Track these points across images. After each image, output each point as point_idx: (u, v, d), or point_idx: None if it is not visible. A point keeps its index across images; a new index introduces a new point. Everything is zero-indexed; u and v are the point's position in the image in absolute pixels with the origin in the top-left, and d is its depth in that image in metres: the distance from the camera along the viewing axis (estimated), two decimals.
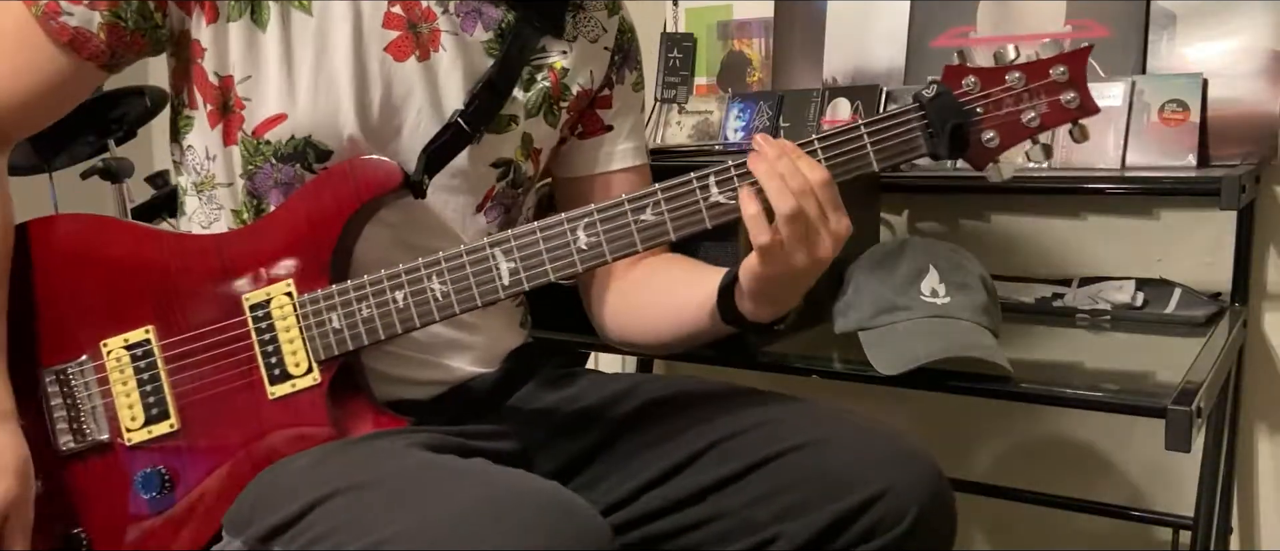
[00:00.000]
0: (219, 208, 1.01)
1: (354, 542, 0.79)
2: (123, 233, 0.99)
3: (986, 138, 0.92)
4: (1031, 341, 1.32)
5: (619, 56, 1.14)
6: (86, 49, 0.95)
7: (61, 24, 0.94)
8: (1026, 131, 0.92)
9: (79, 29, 0.94)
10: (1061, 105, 0.92)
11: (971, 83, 0.92)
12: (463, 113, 1.01)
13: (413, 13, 0.99)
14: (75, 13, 0.94)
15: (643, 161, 1.16)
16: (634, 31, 1.17)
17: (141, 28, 0.96)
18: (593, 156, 1.14)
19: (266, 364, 0.95)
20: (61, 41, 0.94)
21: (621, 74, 1.14)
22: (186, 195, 1.04)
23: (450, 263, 0.94)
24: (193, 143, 1.01)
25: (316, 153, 0.97)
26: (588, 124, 1.14)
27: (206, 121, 0.99)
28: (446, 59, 1.01)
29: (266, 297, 0.95)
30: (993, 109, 0.92)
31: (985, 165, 0.93)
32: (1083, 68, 0.92)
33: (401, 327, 0.95)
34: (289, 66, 0.96)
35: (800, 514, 0.93)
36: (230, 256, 0.96)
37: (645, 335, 1.13)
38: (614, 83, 1.14)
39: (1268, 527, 1.59)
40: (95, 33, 0.94)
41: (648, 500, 1.00)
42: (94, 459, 0.97)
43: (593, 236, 0.92)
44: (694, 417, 1.02)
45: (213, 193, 1.01)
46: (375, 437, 0.95)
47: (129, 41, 0.96)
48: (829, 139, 0.91)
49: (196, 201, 1.02)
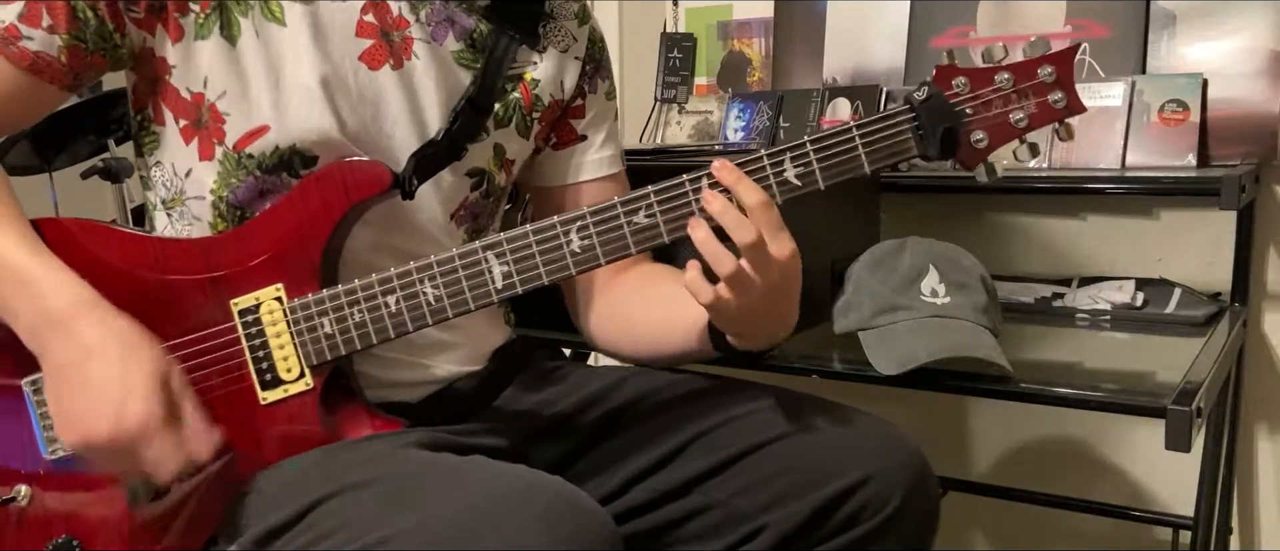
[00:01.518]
0: (192, 222, 1.00)
1: (357, 541, 0.79)
2: (107, 238, 0.96)
3: (976, 138, 0.92)
4: (1031, 341, 1.32)
5: (591, 66, 1.14)
6: (48, 72, 0.94)
7: (21, 49, 0.93)
8: (1015, 132, 0.92)
9: (40, 53, 0.93)
10: (1049, 105, 0.92)
11: (961, 83, 0.92)
12: (449, 130, 1.01)
13: (385, 21, 0.99)
14: (35, 37, 0.93)
15: (618, 169, 1.16)
16: (604, 42, 1.17)
17: (102, 48, 0.95)
18: (567, 166, 1.14)
19: (257, 369, 0.94)
20: (22, 66, 0.93)
21: (594, 84, 1.15)
22: (155, 211, 1.03)
23: (442, 266, 0.93)
24: (161, 159, 1.00)
25: (302, 159, 0.96)
26: (561, 134, 1.14)
27: (180, 137, 0.98)
28: (420, 67, 1.00)
29: (256, 302, 0.94)
30: (982, 110, 0.92)
31: (975, 166, 0.94)
32: (1070, 67, 0.92)
33: (394, 332, 0.94)
34: (267, 79, 0.95)
35: (786, 502, 0.95)
36: (217, 261, 0.95)
37: (633, 348, 1.13)
38: (586, 92, 1.14)
39: (1268, 527, 1.59)
40: (56, 56, 0.93)
41: (635, 494, 1.00)
42: (84, 466, 0.94)
43: (586, 239, 0.92)
44: (679, 410, 1.02)
45: (185, 208, 1.00)
46: (371, 440, 0.94)
47: (90, 62, 0.95)
48: (821, 141, 0.91)
49: (166, 218, 1.01)
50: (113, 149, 1.94)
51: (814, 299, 1.31)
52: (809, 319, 1.30)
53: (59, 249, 0.94)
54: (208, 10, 0.94)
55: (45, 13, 0.92)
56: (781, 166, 0.91)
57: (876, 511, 0.93)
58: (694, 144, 1.84)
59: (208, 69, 0.95)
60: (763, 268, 0.88)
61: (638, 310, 1.11)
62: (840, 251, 1.31)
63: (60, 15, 0.92)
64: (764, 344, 0.99)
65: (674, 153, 1.60)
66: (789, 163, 0.91)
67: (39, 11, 0.92)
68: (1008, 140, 0.93)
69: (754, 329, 0.96)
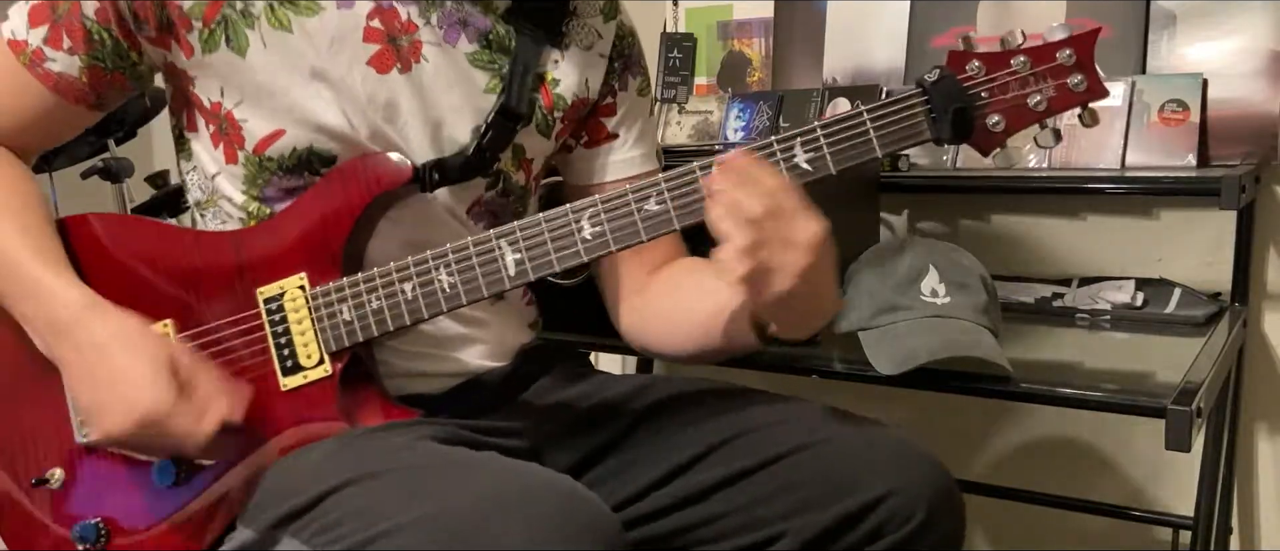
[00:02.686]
0: (226, 221, 1.03)
1: (368, 530, 0.80)
2: (146, 231, 1.01)
3: (992, 122, 0.91)
4: (1031, 341, 1.32)
5: (619, 63, 1.12)
6: (71, 94, 0.99)
7: (46, 70, 0.98)
8: (1033, 115, 0.91)
9: (62, 74, 0.98)
10: (1068, 89, 0.90)
11: (976, 67, 0.91)
12: (479, 144, 1.02)
13: (392, 26, 0.99)
14: (58, 59, 0.97)
15: (653, 167, 1.15)
16: (635, 35, 1.15)
17: (120, 67, 0.99)
18: (598, 164, 1.13)
19: (279, 355, 0.97)
20: (48, 85, 0.98)
21: (624, 80, 1.13)
22: (194, 211, 1.07)
23: (457, 254, 0.95)
24: (196, 164, 1.04)
25: (321, 159, 0.98)
26: (592, 132, 1.13)
27: (210, 142, 1.01)
28: (429, 69, 1.01)
29: (280, 291, 0.97)
30: (998, 93, 0.91)
31: (991, 150, 0.92)
32: (1090, 50, 0.90)
33: (410, 319, 0.96)
34: (278, 85, 0.96)
35: (807, 512, 0.93)
36: (246, 251, 0.98)
37: (673, 342, 1.10)
38: (616, 90, 1.12)
39: (1268, 527, 1.59)
40: (77, 77, 0.98)
41: (655, 498, 1.00)
42: (113, 450, 0.98)
43: (597, 227, 0.92)
44: (702, 417, 1.02)
45: (218, 208, 1.03)
46: (387, 429, 0.95)
47: (111, 80, 0.99)
48: (831, 126, 0.90)
49: (202, 220, 1.05)
50: (113, 149, 1.94)
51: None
52: None
53: (100, 243, 1.00)
54: (212, 25, 0.96)
55: (65, 35, 0.97)
56: (792, 152, 0.90)
57: (900, 525, 0.91)
58: (694, 144, 1.84)
59: (221, 80, 0.98)
60: (784, 245, 0.85)
61: (676, 303, 1.09)
62: (840, 251, 1.30)
63: (77, 37, 0.97)
64: (804, 331, 0.96)
65: (674, 153, 1.60)
66: (799, 147, 0.90)
67: (61, 35, 0.97)
68: (1026, 124, 0.92)
69: (793, 315, 0.94)
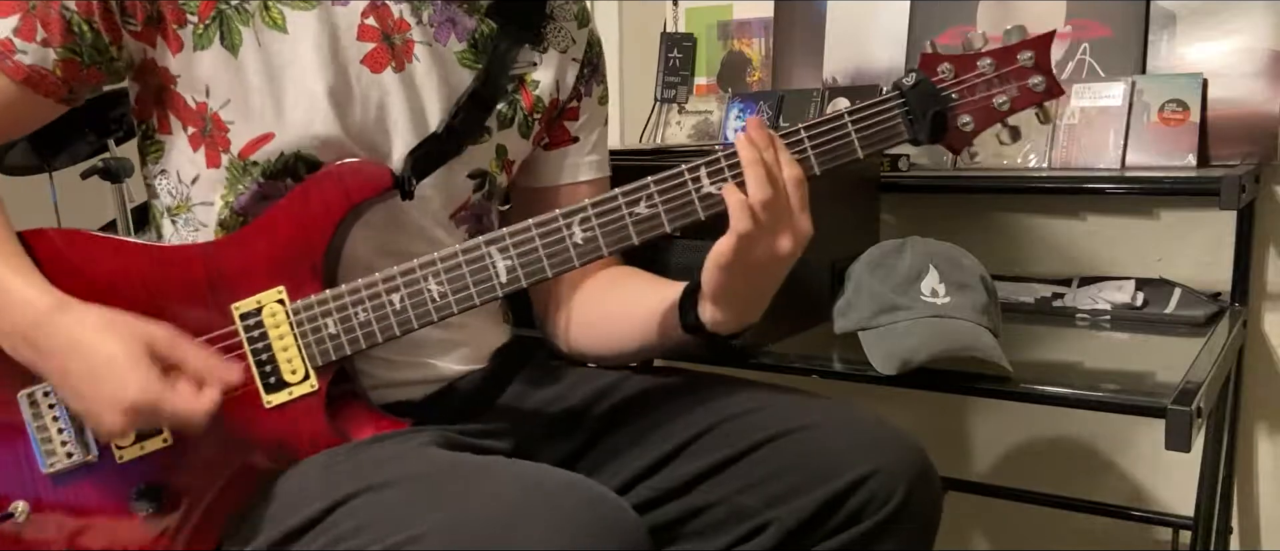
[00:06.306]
0: (198, 228, 0.99)
1: (384, 540, 0.79)
2: (103, 247, 0.96)
3: (962, 122, 0.96)
4: (1031, 341, 1.32)
5: (588, 69, 1.14)
6: (43, 86, 0.94)
7: (16, 63, 0.93)
8: (998, 115, 0.96)
9: (34, 67, 0.93)
10: (1029, 89, 0.96)
11: (946, 69, 0.96)
12: (449, 125, 1.01)
13: (386, 24, 0.99)
14: (30, 51, 0.92)
15: (605, 174, 1.17)
16: (601, 46, 1.18)
17: (97, 62, 0.94)
18: (558, 167, 1.14)
19: (261, 373, 0.93)
20: (16, 79, 0.93)
21: (589, 87, 1.15)
22: (161, 218, 1.03)
23: (446, 262, 0.93)
24: (167, 168, 1.00)
25: (307, 165, 0.96)
26: (554, 135, 1.14)
27: (188, 145, 0.98)
28: (421, 69, 1.01)
29: (257, 306, 0.93)
30: (967, 94, 0.96)
31: (961, 149, 0.97)
32: (1047, 52, 0.96)
33: (399, 330, 0.94)
34: (270, 86, 0.95)
35: (790, 498, 0.95)
36: (216, 265, 0.94)
37: (600, 347, 1.13)
38: (582, 95, 1.14)
39: (1268, 527, 1.59)
40: (51, 70, 0.93)
41: (639, 492, 1.00)
42: (85, 478, 0.94)
43: (588, 231, 0.92)
44: (680, 408, 1.03)
45: (190, 215, 0.99)
46: (383, 440, 0.94)
47: (85, 75, 0.95)
48: (815, 128, 0.94)
49: (172, 226, 1.01)
50: (113, 149, 1.94)
51: (814, 299, 1.31)
52: (809, 319, 1.31)
53: (49, 263, 0.93)
54: (207, 21, 0.94)
55: (40, 27, 0.92)
56: None
57: (881, 506, 0.93)
58: (694, 144, 1.84)
59: (209, 78, 0.95)
60: (783, 227, 0.92)
61: (610, 308, 1.11)
62: (840, 251, 1.31)
63: (55, 29, 0.92)
64: (737, 323, 0.99)
65: (674, 153, 1.60)
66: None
67: (34, 25, 0.92)
68: (991, 123, 0.97)
69: (738, 301, 0.97)
